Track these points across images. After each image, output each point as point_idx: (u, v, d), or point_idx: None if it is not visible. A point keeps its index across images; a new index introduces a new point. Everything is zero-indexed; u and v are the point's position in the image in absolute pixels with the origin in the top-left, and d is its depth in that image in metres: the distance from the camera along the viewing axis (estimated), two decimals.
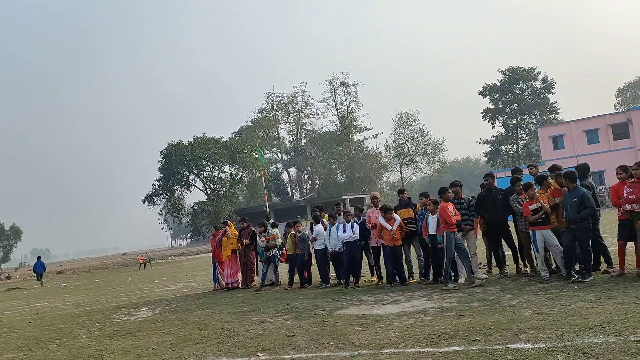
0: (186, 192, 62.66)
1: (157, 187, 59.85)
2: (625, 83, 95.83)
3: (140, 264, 35.83)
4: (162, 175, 59.16)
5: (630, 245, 8.14)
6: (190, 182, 61.71)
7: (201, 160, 59.10)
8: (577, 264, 8.25)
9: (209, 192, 61.72)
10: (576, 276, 7.95)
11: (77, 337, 8.43)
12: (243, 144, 61.90)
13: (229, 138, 67.78)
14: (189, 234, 73.17)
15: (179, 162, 57.66)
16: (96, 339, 8.09)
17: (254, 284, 12.80)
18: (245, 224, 13.36)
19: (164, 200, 60.31)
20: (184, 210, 63.27)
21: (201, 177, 61.51)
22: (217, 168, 61.73)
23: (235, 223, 14.40)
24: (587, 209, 7.92)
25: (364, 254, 11.26)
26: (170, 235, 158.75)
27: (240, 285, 12.91)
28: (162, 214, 63.24)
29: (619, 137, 45.73)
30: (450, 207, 9.07)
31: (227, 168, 62.86)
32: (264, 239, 12.40)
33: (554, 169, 9.30)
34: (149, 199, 60.11)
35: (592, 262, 8.46)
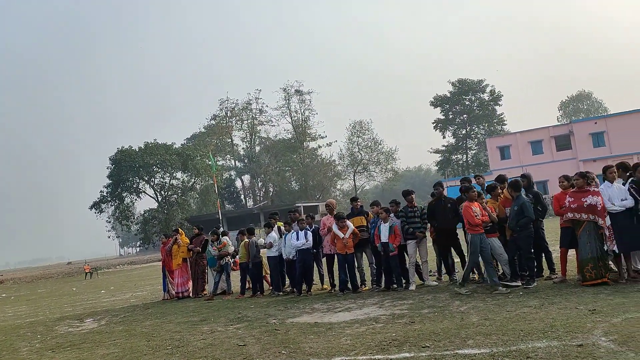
0: (136, 199, 61.03)
1: (105, 194, 58.00)
2: (567, 97, 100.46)
3: (86, 273, 34.53)
4: (110, 181, 57.37)
5: (572, 253, 8.49)
6: (140, 189, 60.09)
7: (152, 167, 57.71)
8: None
9: (159, 199, 60.31)
10: (520, 283, 8.22)
11: (17, 350, 8.02)
12: (195, 150, 60.90)
13: (181, 145, 66.53)
14: (138, 242, 71.26)
15: (128, 168, 56.08)
16: (37, 351, 7.72)
17: (205, 292, 12.56)
18: (197, 231, 13.13)
19: (112, 207, 58.49)
20: (134, 218, 61.55)
21: (152, 183, 60.05)
22: (168, 175, 60.44)
23: (186, 231, 14.12)
24: (526, 218, 8.21)
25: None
26: (118, 243, 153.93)
27: (191, 295, 12.65)
28: (110, 222, 61.30)
29: (562, 148, 47.83)
30: (475, 207, 8.52)
31: (178, 175, 61.66)
32: (215, 247, 12.19)
33: (500, 179, 9.61)
34: (96, 206, 58.13)
35: (535, 269, 8.77)
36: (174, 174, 60.89)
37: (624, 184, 7.96)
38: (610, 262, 7.97)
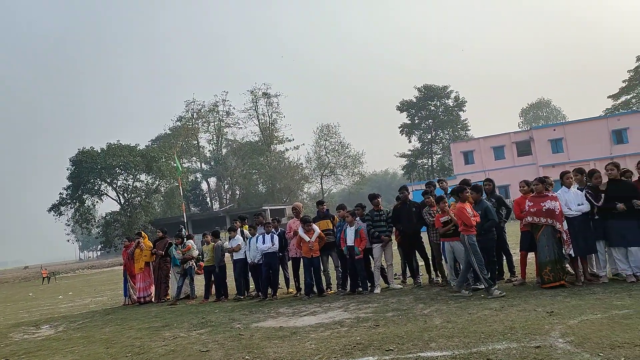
0: (97, 202, 59.58)
1: (64, 196, 56.42)
2: (528, 104, 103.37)
3: (44, 277, 33.47)
4: (70, 183, 55.84)
5: (531, 256, 8.70)
6: (102, 191, 58.73)
7: (115, 169, 56.49)
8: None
9: (122, 201, 59.03)
10: (482, 285, 8.37)
11: None
12: (160, 152, 59.92)
13: (146, 146, 65.30)
14: (99, 246, 69.50)
15: (90, 170, 54.72)
16: None
17: (168, 297, 12.34)
18: (161, 234, 12.89)
19: (72, 210, 56.93)
20: (94, 221, 60.06)
21: (114, 186, 58.75)
22: (132, 177, 59.24)
23: (150, 234, 13.86)
24: (490, 221, 8.40)
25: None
26: (78, 247, 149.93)
27: (153, 300, 12.41)
28: (69, 225, 59.65)
29: (522, 154, 49.17)
30: (468, 208, 8.32)
31: (142, 177, 60.51)
32: (179, 251, 11.98)
33: (463, 183, 9.78)
34: (55, 208, 56.51)
35: (497, 272, 8.97)
36: (138, 176, 59.75)
37: (580, 189, 8.22)
38: (567, 265, 8.21)
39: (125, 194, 59.43)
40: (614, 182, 7.92)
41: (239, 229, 11.73)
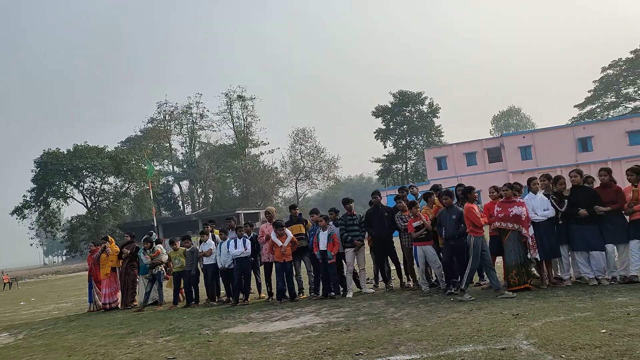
0: (63, 205, 58.08)
1: (28, 198, 54.80)
2: (499, 111, 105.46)
3: (5, 283, 32.51)
4: (35, 185, 54.29)
5: (499, 260, 8.86)
6: (68, 194, 57.21)
7: (82, 171, 55.09)
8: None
9: (89, 205, 57.71)
10: (453, 289, 8.49)
11: None
12: (130, 154, 58.79)
13: (115, 148, 64.08)
14: (64, 251, 67.83)
15: (55, 172, 53.26)
16: None
17: (135, 303, 12.13)
18: (129, 238, 12.67)
19: (37, 213, 55.37)
20: (60, 225, 58.55)
21: (81, 188, 57.32)
22: (99, 179, 57.94)
23: (117, 239, 13.61)
24: (465, 226, 8.51)
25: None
26: (42, 251, 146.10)
27: (119, 306, 12.16)
28: (33, 229, 57.99)
29: (493, 160, 50.11)
30: (476, 209, 8.22)
31: (111, 179, 59.24)
32: (148, 256, 11.77)
33: (434, 188, 9.92)
34: (18, 211, 54.82)
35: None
36: (106, 179, 58.51)
37: (546, 195, 8.42)
38: (533, 269, 8.40)
39: (93, 197, 58.12)
40: (577, 189, 8.15)
41: (211, 233, 11.64)
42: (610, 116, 61.77)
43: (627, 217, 7.80)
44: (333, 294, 9.78)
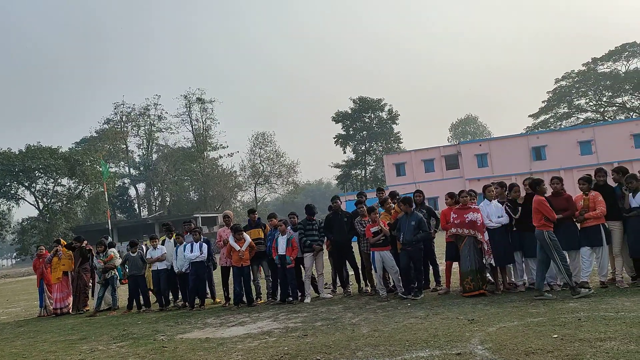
0: (14, 207, 55.87)
1: None
2: (457, 119, 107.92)
3: None
4: None
5: (455, 265, 9.01)
6: (19, 195, 55.09)
7: (34, 172, 53.19)
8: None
9: (41, 206, 55.68)
10: (410, 294, 8.59)
11: None
12: (85, 155, 57.07)
13: (69, 149, 62.06)
14: (14, 254, 65.08)
15: (6, 172, 51.23)
16: None
17: (87, 308, 11.74)
18: (79, 244, 12.25)
19: None
20: (9, 227, 56.26)
21: (33, 190, 55.30)
22: (52, 180, 56.02)
23: (70, 242, 13.14)
24: (423, 233, 8.64)
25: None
26: None
27: (70, 311, 11.74)
28: None
29: (451, 167, 51.17)
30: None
31: (64, 181, 57.35)
32: (101, 260, 11.40)
33: (392, 195, 10.03)
34: None
35: (423, 281, 9.23)
36: (59, 180, 56.59)
37: (500, 202, 8.64)
38: (488, 275, 8.59)
39: (45, 199, 56.14)
40: (530, 197, 8.37)
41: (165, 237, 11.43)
42: (562, 126, 64.15)
43: (578, 225, 8.08)
44: (291, 299, 9.73)
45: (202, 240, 10.52)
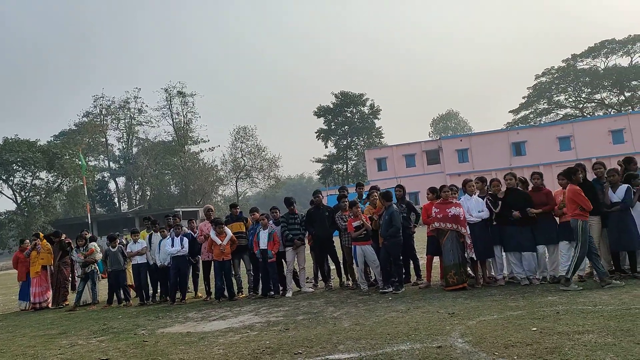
0: None
1: None
2: (438, 114, 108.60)
3: None
4: None
5: (436, 259, 9.09)
6: None
7: (12, 165, 52.18)
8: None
9: (19, 200, 54.71)
10: (391, 288, 8.64)
11: None
12: (64, 148, 56.13)
13: (48, 142, 60.97)
14: None
15: None
16: None
17: (67, 303, 11.58)
18: (59, 239, 12.08)
19: None
20: None
21: (10, 183, 54.28)
22: (31, 174, 55.03)
23: (49, 234, 12.95)
24: (393, 227, 8.68)
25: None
26: None
27: (50, 305, 11.57)
28: None
29: (432, 162, 51.55)
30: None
31: (43, 174, 56.36)
32: (81, 254, 11.24)
33: (373, 189, 10.07)
34: None
35: (404, 275, 9.29)
36: (38, 174, 55.63)
37: (481, 197, 8.73)
38: (468, 269, 8.68)
39: (23, 192, 55.15)
40: (511, 191, 8.49)
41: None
42: (542, 122, 65.01)
43: (557, 219, 8.22)
44: (272, 293, 9.72)
45: (183, 234, 10.46)
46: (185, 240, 10.36)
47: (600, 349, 4.44)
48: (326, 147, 73.73)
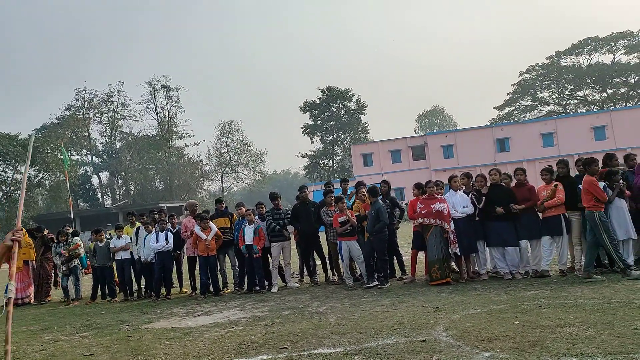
0: None
1: None
2: (424, 110, 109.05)
3: None
4: None
5: (421, 254, 9.16)
6: None
7: None
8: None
9: (0, 195, 53.89)
10: (376, 282, 8.69)
11: None
12: (46, 142, 55.30)
13: (29, 135, 60.06)
14: None
15: None
16: None
17: (49, 298, 11.46)
18: (41, 234, 11.93)
19: None
20: None
21: None
22: (12, 168, 54.22)
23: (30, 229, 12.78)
24: (380, 223, 8.73)
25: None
26: None
27: (32, 301, 11.43)
28: None
29: (417, 158, 51.77)
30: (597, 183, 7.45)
31: (24, 169, 55.57)
32: (64, 251, 11.10)
33: (358, 184, 10.10)
34: None
35: (389, 270, 9.35)
36: (19, 168, 54.80)
37: (466, 192, 8.81)
38: (453, 264, 8.76)
39: (4, 187, 54.31)
40: (495, 187, 8.57)
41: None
42: (526, 118, 65.62)
43: (540, 215, 8.32)
44: (258, 288, 9.72)
45: (167, 229, 10.40)
46: (170, 235, 10.30)
47: (582, 342, 4.51)
48: (312, 142, 73.72)
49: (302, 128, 73.16)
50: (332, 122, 71.82)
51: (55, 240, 11.55)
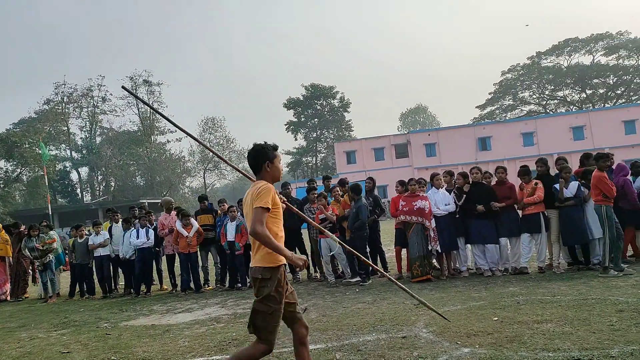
0: None
1: None
2: (407, 109, 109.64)
3: None
4: None
5: (404, 251, 9.20)
6: None
7: None
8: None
9: None
10: (357, 278, 8.72)
11: None
12: (24, 137, 54.27)
13: (6, 130, 58.90)
14: None
15: None
16: None
17: (26, 295, 11.27)
18: (18, 230, 11.72)
19: None
20: None
21: None
22: None
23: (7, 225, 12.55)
24: (359, 221, 8.75)
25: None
26: None
27: (9, 298, 11.23)
28: None
29: (400, 156, 52.02)
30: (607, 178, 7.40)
31: (1, 164, 54.48)
32: (40, 244, 10.90)
33: (341, 183, 10.11)
34: None
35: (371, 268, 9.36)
36: None
37: (448, 190, 8.88)
38: (434, 261, 8.83)
39: None
40: (476, 185, 8.65)
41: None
42: (507, 118, 66.33)
43: (520, 212, 8.43)
44: (240, 285, 9.68)
45: (148, 226, 10.29)
46: (152, 232, 10.19)
47: (558, 338, 4.58)
48: (296, 139, 73.59)
49: (285, 125, 73.03)
50: (316, 120, 71.76)
51: (26, 234, 11.29)
